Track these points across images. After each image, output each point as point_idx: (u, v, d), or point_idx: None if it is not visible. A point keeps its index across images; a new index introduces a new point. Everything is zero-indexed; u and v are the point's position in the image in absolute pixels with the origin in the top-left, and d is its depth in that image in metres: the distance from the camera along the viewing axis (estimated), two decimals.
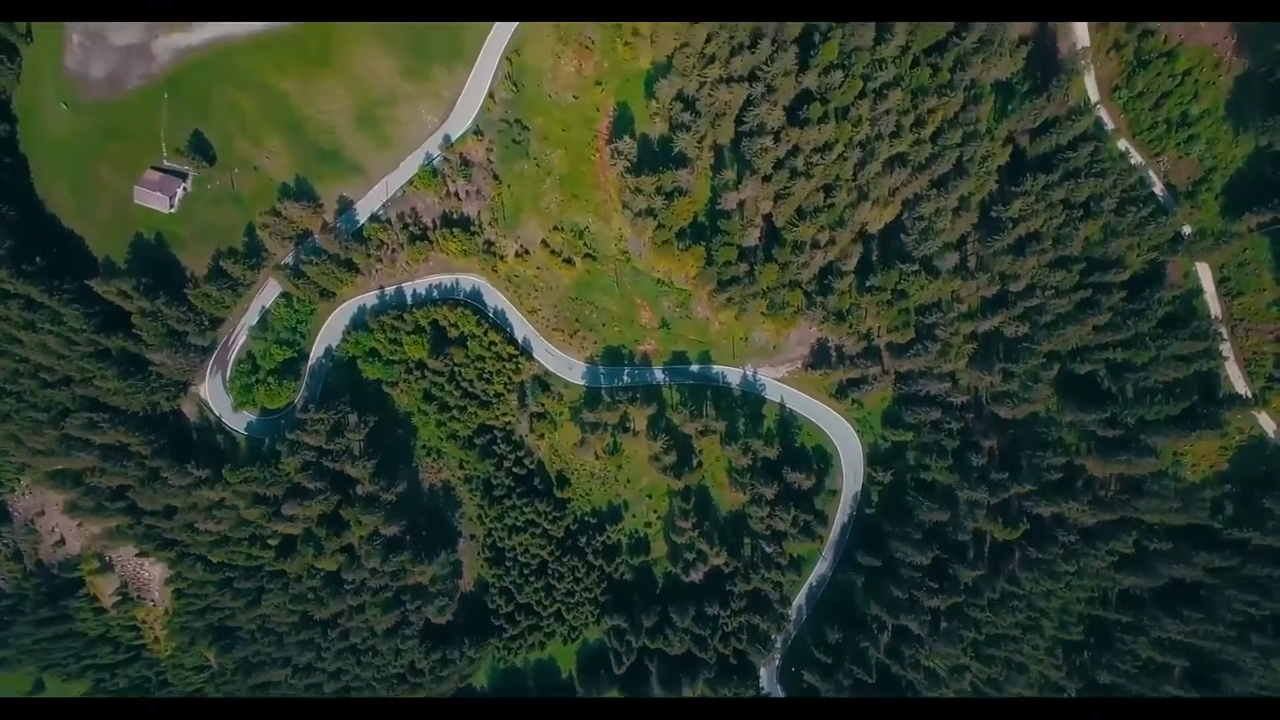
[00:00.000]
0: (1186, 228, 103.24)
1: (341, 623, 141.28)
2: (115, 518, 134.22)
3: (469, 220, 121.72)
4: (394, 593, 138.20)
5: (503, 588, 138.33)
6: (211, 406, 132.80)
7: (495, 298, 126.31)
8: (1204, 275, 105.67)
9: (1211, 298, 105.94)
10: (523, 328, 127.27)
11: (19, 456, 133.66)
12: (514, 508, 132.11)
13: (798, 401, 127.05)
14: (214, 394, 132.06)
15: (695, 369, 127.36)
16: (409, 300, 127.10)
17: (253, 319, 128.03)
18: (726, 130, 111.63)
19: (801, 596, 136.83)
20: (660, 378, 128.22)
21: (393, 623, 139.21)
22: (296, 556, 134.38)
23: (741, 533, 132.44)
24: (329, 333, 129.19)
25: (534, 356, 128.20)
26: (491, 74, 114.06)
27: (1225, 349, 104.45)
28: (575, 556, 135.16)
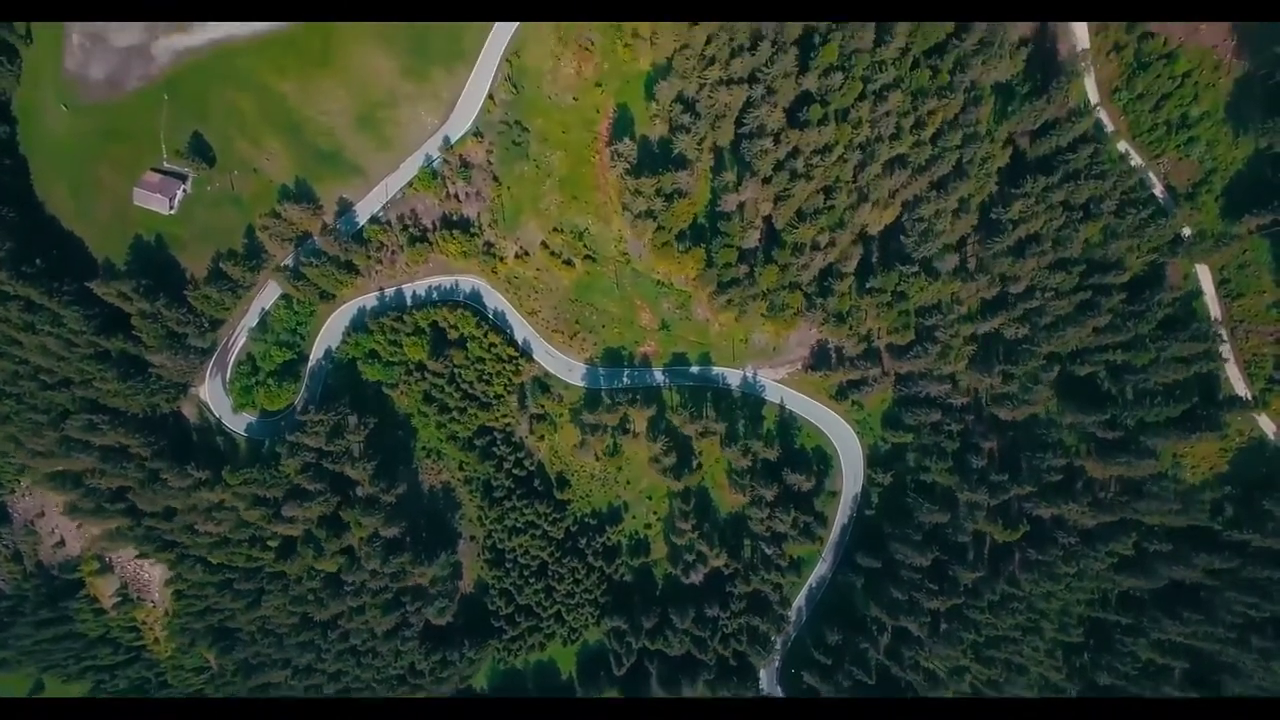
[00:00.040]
0: (1186, 229, 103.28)
1: (341, 624, 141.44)
2: (115, 519, 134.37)
3: (469, 222, 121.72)
4: (394, 594, 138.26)
5: (503, 589, 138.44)
6: (211, 408, 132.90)
7: (495, 299, 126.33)
8: (1204, 277, 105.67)
9: (1211, 299, 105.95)
10: (522, 329, 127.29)
11: (19, 458, 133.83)
12: (514, 509, 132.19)
13: (797, 403, 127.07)
14: (214, 396, 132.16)
15: (695, 370, 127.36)
16: (409, 302, 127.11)
17: (252, 321, 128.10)
18: (726, 132, 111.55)
19: (801, 598, 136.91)
20: (660, 379, 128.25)
21: (393, 624, 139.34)
22: (296, 558, 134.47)
23: (741, 534, 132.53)
24: (329, 334, 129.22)
25: (534, 358, 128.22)
26: (491, 75, 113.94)
27: (1225, 351, 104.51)
28: (575, 558, 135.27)
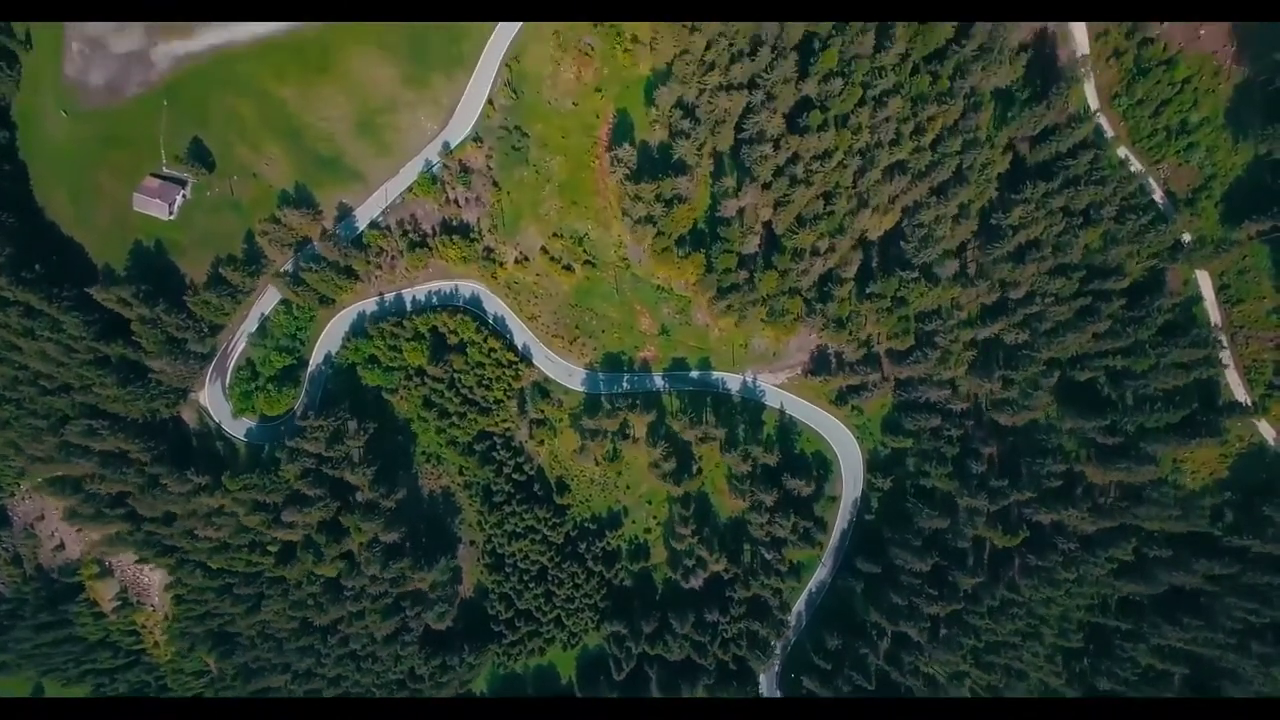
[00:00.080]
0: (1186, 235, 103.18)
1: (341, 629, 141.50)
2: (115, 524, 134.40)
3: (468, 227, 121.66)
4: (394, 599, 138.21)
5: (503, 594, 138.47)
6: (211, 413, 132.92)
7: (495, 304, 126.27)
8: (1204, 283, 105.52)
9: (1211, 305, 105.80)
10: (522, 334, 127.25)
11: (19, 463, 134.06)
12: (514, 514, 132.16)
13: (797, 408, 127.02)
14: (213, 401, 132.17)
15: (695, 375, 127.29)
16: (408, 307, 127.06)
17: (252, 326, 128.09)
18: (726, 137, 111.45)
19: (801, 603, 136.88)
20: (660, 384, 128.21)
21: (392, 629, 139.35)
22: (296, 563, 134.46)
23: (741, 539, 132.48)
24: (328, 339, 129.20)
25: (534, 363, 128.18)
26: (491, 81, 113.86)
27: (1225, 356, 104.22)
28: (575, 563, 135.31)
